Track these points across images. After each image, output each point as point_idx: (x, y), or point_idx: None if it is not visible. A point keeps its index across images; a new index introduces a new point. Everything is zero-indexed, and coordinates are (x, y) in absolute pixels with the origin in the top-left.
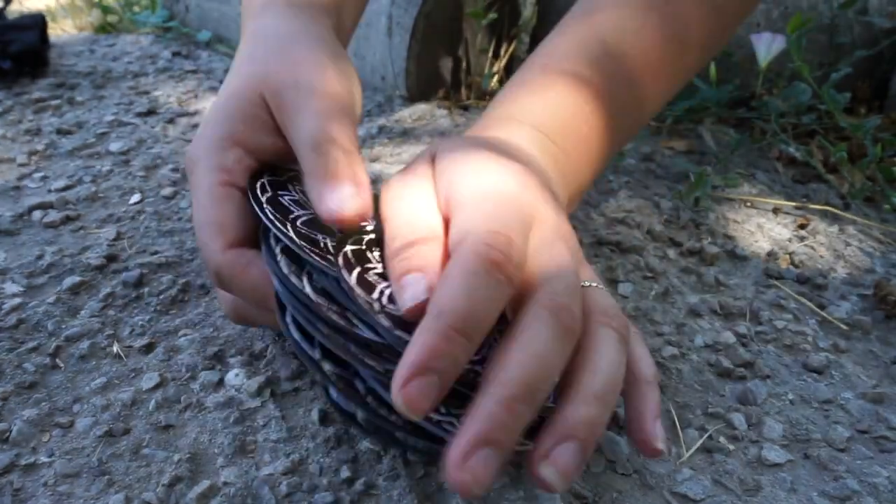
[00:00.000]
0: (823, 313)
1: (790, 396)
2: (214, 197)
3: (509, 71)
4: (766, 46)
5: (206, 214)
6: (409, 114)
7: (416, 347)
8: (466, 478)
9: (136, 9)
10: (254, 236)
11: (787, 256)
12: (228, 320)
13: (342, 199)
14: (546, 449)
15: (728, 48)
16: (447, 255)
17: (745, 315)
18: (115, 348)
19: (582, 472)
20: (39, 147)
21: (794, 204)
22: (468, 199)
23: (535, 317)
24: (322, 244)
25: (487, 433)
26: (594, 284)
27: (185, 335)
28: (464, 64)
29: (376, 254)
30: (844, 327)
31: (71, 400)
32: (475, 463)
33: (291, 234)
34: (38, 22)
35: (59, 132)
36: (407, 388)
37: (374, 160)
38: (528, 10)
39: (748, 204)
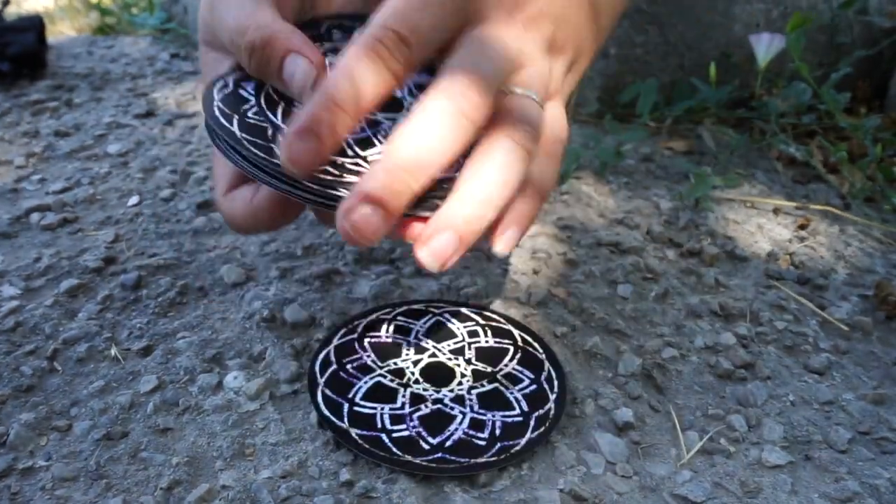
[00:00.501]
0: (824, 314)
1: (791, 398)
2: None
3: None
4: (765, 46)
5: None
6: None
7: (300, 115)
8: (346, 226)
9: (134, 10)
10: None
11: (788, 257)
12: (224, 322)
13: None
14: (425, 234)
15: (727, 48)
16: None
17: (746, 316)
18: (113, 351)
19: (458, 262)
20: (37, 149)
21: (794, 204)
22: None
23: (434, 98)
24: (269, 133)
25: (371, 191)
26: (527, 94)
27: (183, 337)
28: None
29: None
30: (845, 328)
31: (68, 403)
32: (358, 216)
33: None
34: (35, 24)
35: (57, 134)
36: (291, 148)
37: None
38: None
39: (748, 204)
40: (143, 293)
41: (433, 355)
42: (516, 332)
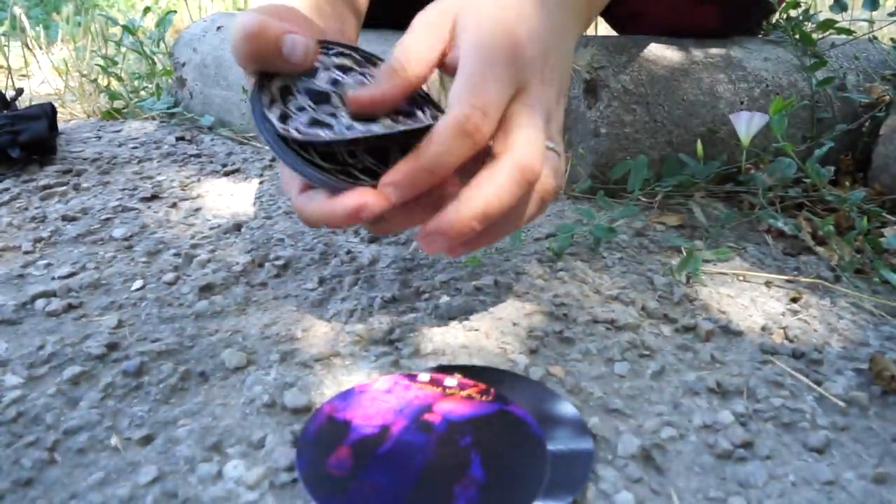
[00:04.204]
0: (820, 389)
1: (791, 478)
2: None
3: None
4: (746, 124)
5: None
6: None
7: (400, 170)
8: (422, 244)
9: (143, 94)
10: None
11: (782, 331)
12: (224, 408)
13: None
14: (424, 233)
15: (713, 125)
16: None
17: (743, 393)
18: (114, 441)
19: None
20: (45, 234)
21: (785, 277)
22: (469, 54)
23: (508, 171)
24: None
25: (445, 231)
26: (553, 146)
27: (184, 425)
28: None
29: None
30: (842, 404)
31: (67, 497)
32: (429, 243)
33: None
34: (47, 111)
35: (65, 218)
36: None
37: (372, 241)
38: None
39: (741, 278)
40: (145, 380)
41: (349, 69)
42: None
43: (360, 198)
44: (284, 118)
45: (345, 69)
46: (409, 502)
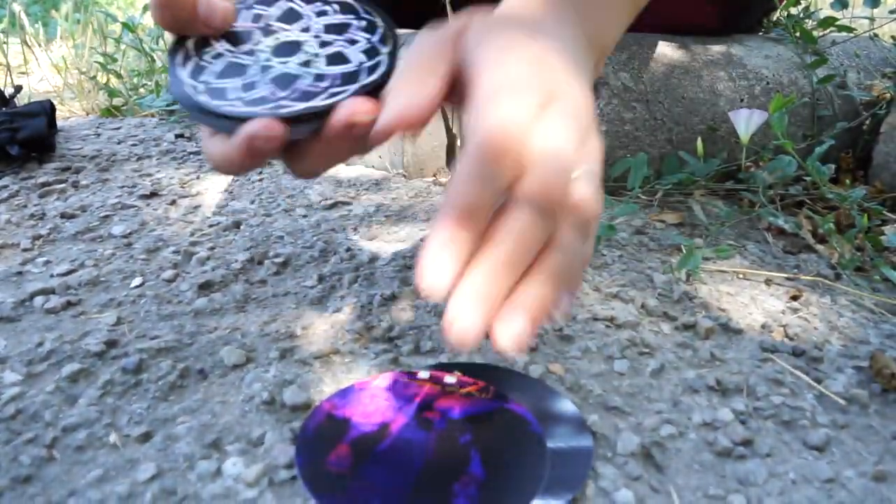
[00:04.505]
0: (820, 387)
1: (791, 476)
2: None
3: None
4: (745, 122)
5: None
6: (406, 192)
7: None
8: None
9: (141, 91)
10: None
11: (782, 329)
12: (224, 406)
13: None
14: (499, 320)
15: (713, 123)
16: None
17: (743, 391)
18: (113, 438)
19: (534, 339)
20: (43, 231)
21: (785, 275)
22: (486, 81)
23: (524, 225)
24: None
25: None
26: (579, 172)
27: (183, 422)
28: (458, 141)
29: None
30: (842, 402)
31: (66, 494)
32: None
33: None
34: (45, 109)
35: (63, 216)
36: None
37: (372, 239)
38: None
39: (741, 276)
40: (144, 377)
41: (285, 36)
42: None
43: (251, 127)
44: (199, 71)
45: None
46: (408, 500)
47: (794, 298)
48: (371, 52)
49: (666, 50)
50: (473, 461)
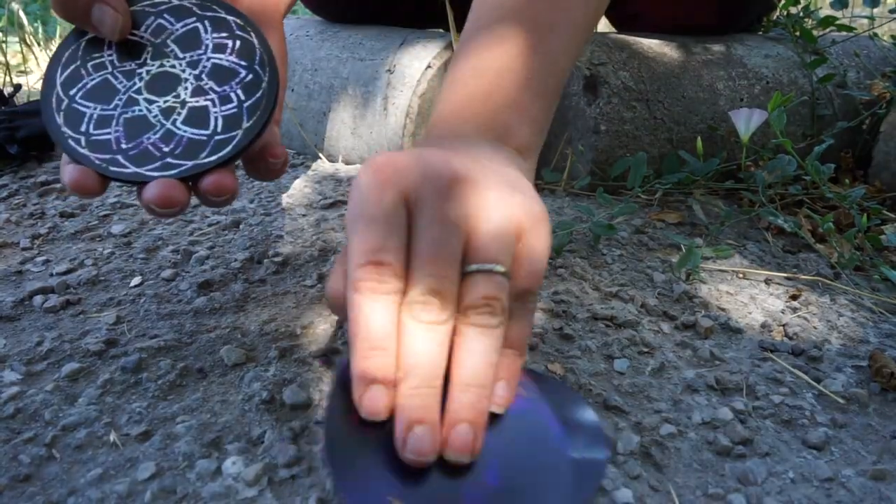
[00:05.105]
0: (820, 386)
1: (790, 475)
2: None
3: None
4: (745, 121)
5: None
6: None
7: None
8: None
9: None
10: None
11: (781, 328)
12: (223, 405)
13: None
14: (445, 436)
15: (713, 122)
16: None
17: (742, 390)
18: (112, 437)
19: (481, 444)
20: (43, 230)
21: (785, 275)
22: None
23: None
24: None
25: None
26: (490, 268)
27: (182, 421)
28: None
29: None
30: (842, 401)
31: (66, 493)
32: (411, 438)
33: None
34: None
35: (63, 215)
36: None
37: None
38: None
39: (740, 275)
40: (144, 376)
41: (170, 66)
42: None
43: (66, 171)
44: (73, 81)
45: (179, 12)
46: (414, 495)
47: (794, 298)
48: (232, 123)
49: (665, 49)
50: (490, 468)
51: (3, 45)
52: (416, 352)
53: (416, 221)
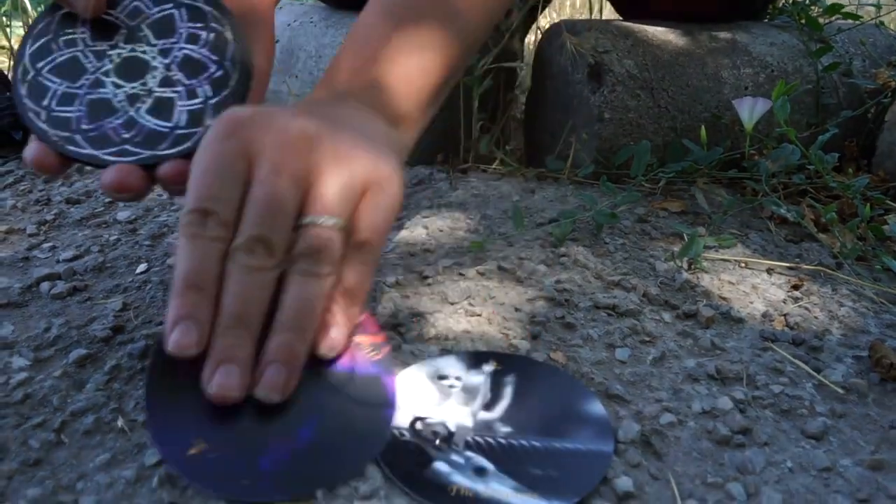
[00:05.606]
0: (820, 377)
1: (789, 464)
2: None
3: (505, 133)
4: (749, 110)
5: None
6: (410, 178)
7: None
8: (213, 394)
9: None
10: None
11: (782, 318)
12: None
13: None
14: (257, 375)
15: (717, 111)
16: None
17: (742, 379)
18: (120, 422)
19: (293, 386)
20: (49, 217)
21: (787, 264)
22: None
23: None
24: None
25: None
26: (322, 220)
27: None
28: (461, 128)
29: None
30: (841, 391)
31: (75, 477)
32: (218, 380)
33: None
34: None
35: (69, 201)
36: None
37: None
38: (523, 73)
39: (742, 265)
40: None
41: (141, 51)
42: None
43: (28, 148)
44: (43, 54)
45: None
46: (219, 438)
47: (796, 288)
48: (195, 119)
49: (670, 37)
50: (308, 424)
51: (8, 30)
52: (232, 292)
53: (255, 174)
